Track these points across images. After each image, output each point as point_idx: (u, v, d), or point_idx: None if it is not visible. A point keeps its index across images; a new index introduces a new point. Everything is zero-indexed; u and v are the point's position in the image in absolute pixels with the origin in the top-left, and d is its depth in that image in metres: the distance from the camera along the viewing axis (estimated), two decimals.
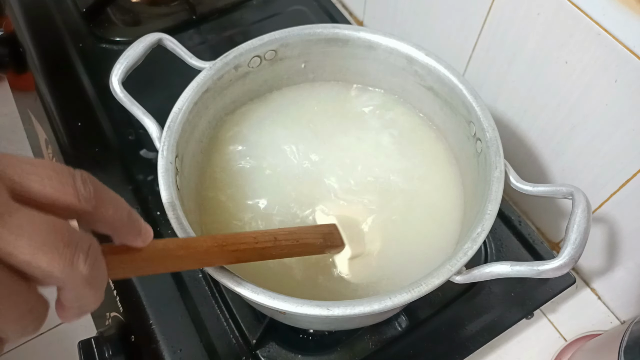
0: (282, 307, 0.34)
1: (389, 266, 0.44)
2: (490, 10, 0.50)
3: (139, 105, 0.44)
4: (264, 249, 0.35)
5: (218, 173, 0.49)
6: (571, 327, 0.52)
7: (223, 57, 0.46)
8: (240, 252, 0.33)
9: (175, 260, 0.30)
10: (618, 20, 0.39)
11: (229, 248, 0.33)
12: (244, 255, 0.34)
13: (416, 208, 0.47)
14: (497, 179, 0.40)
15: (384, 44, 0.48)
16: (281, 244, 0.36)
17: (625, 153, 0.44)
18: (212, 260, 0.33)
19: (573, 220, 0.36)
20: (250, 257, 0.35)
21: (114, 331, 0.50)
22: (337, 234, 0.43)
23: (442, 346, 0.47)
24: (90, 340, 0.47)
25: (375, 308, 0.33)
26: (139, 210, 0.54)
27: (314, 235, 0.40)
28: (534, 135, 0.53)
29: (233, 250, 0.33)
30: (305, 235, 0.39)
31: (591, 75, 0.43)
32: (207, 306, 0.48)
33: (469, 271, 0.37)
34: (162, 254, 0.29)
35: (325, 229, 0.42)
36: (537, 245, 0.53)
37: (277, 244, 0.36)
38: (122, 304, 0.50)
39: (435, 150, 0.51)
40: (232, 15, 0.71)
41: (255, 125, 0.52)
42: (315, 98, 0.54)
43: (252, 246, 0.34)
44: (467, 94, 0.44)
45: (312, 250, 0.40)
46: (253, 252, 0.34)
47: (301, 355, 0.46)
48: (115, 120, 0.60)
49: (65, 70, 0.65)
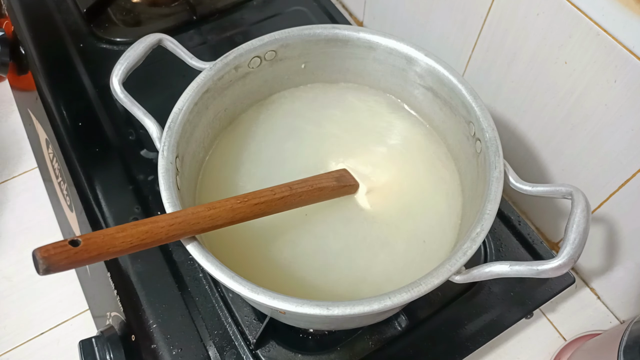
0: (282, 306, 0.34)
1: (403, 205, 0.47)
2: (490, 10, 0.50)
3: (140, 105, 0.44)
4: (283, 199, 0.39)
5: (218, 173, 0.49)
6: (570, 326, 0.52)
7: (223, 57, 0.46)
8: (262, 204, 0.37)
9: (207, 220, 0.35)
10: (617, 21, 0.39)
11: (251, 202, 0.37)
12: (267, 207, 0.38)
13: (415, 207, 0.47)
14: (496, 179, 0.40)
15: (383, 44, 0.48)
16: (297, 191, 0.40)
17: (624, 153, 0.44)
18: (239, 214, 0.36)
19: (572, 220, 0.36)
20: (274, 208, 0.39)
21: (115, 331, 0.50)
22: (348, 175, 0.46)
23: (441, 346, 0.47)
24: (91, 340, 0.48)
25: (375, 308, 0.34)
26: (139, 210, 0.54)
27: (327, 179, 0.44)
28: (534, 135, 0.53)
29: (255, 204, 0.37)
30: (319, 180, 0.43)
31: (591, 76, 0.44)
32: (207, 306, 0.49)
33: (469, 271, 0.37)
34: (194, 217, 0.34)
35: (336, 173, 0.46)
36: (537, 245, 0.53)
37: (294, 191, 0.40)
38: (123, 304, 0.50)
39: (434, 150, 0.51)
40: (233, 15, 0.72)
41: (256, 125, 0.52)
42: (315, 98, 0.54)
43: (271, 197, 0.38)
44: (466, 94, 0.44)
45: (329, 193, 0.43)
46: (274, 203, 0.38)
47: (301, 355, 0.46)
48: (116, 120, 0.60)
49: (65, 70, 0.65)
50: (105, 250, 0.31)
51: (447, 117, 0.48)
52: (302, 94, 0.54)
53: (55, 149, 0.62)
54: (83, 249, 0.30)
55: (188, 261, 0.51)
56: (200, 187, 0.48)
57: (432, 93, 0.48)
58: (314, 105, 0.54)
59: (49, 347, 0.63)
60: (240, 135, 0.51)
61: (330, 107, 0.54)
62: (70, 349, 0.63)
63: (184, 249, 0.36)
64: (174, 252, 0.51)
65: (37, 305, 0.65)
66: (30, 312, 0.65)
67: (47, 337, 0.64)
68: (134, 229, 0.32)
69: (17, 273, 0.68)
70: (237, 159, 0.50)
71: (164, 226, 0.33)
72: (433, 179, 0.49)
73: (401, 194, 0.48)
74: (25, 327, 0.64)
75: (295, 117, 0.53)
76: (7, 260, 0.68)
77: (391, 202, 0.48)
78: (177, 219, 0.34)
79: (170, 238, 0.34)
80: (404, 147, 0.51)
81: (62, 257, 0.29)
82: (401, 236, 0.46)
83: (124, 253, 0.32)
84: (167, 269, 0.50)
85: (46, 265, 0.28)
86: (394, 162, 0.50)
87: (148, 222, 0.33)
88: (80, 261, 0.30)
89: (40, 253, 0.28)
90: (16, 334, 0.64)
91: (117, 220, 0.53)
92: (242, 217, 0.37)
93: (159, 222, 0.33)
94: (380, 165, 0.50)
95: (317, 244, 0.45)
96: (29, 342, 0.64)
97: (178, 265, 0.51)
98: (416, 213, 0.47)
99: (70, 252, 0.29)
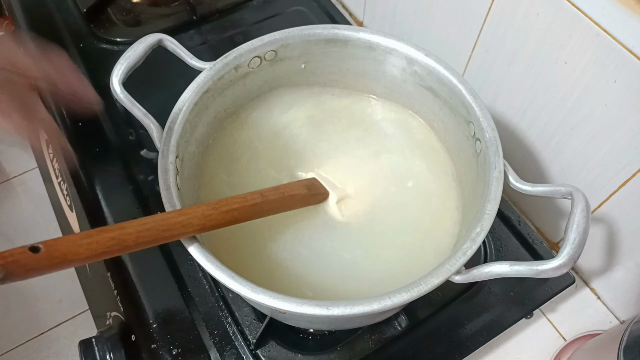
0: (282, 306, 0.34)
1: (378, 213, 0.47)
2: (490, 10, 0.50)
3: (140, 105, 0.44)
4: (255, 205, 0.39)
5: (218, 173, 0.49)
6: (570, 326, 0.52)
7: (223, 57, 0.46)
8: (234, 211, 0.37)
9: (178, 227, 0.34)
10: (617, 21, 0.39)
11: (223, 209, 0.36)
12: (240, 214, 0.38)
13: (415, 207, 0.47)
14: (496, 179, 0.40)
15: (383, 44, 0.48)
16: (269, 198, 0.40)
17: (624, 153, 0.44)
18: (211, 222, 0.36)
19: (572, 220, 0.36)
20: (246, 215, 0.38)
21: (115, 331, 0.50)
22: (318, 183, 0.47)
23: (441, 346, 0.47)
24: (91, 339, 0.47)
25: (374, 308, 0.34)
26: (139, 210, 0.54)
27: (297, 187, 0.44)
28: (534, 135, 0.53)
29: (227, 211, 0.37)
30: (290, 188, 0.43)
31: (590, 76, 0.44)
32: (207, 306, 0.49)
33: (469, 271, 0.37)
34: (164, 223, 0.33)
35: (307, 181, 0.46)
36: (537, 245, 0.53)
37: (265, 199, 0.40)
38: (123, 304, 0.50)
39: (434, 150, 0.51)
40: (233, 15, 0.72)
41: (255, 125, 0.52)
42: (315, 98, 0.54)
43: (243, 204, 0.38)
44: (466, 94, 0.44)
45: (300, 201, 0.44)
46: (246, 210, 0.38)
47: (301, 355, 0.46)
48: (116, 120, 0.60)
49: None
50: (69, 258, 0.29)
51: (447, 117, 0.48)
52: (301, 94, 0.54)
53: (55, 149, 0.62)
54: (44, 256, 0.27)
55: (188, 261, 0.51)
56: (200, 187, 0.48)
57: (432, 93, 0.48)
58: (313, 105, 0.54)
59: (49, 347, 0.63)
60: (240, 135, 0.51)
61: (330, 106, 0.54)
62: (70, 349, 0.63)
63: (184, 248, 0.36)
64: (174, 252, 0.51)
65: (37, 305, 0.65)
66: (31, 312, 0.65)
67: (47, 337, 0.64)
68: (99, 235, 0.30)
69: None
70: (236, 159, 0.50)
71: (131, 232, 0.32)
72: (432, 178, 0.49)
73: (401, 194, 0.48)
74: (25, 327, 0.64)
75: (295, 117, 0.53)
76: None
77: (391, 201, 0.48)
78: (146, 225, 0.32)
79: (139, 245, 0.32)
80: (403, 147, 0.51)
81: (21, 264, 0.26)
82: (401, 236, 0.46)
83: (90, 260, 0.30)
84: (167, 269, 0.50)
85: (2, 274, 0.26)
86: (394, 161, 0.50)
87: (115, 228, 0.31)
88: (40, 269, 0.28)
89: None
90: (16, 334, 0.64)
91: (117, 220, 0.53)
92: (214, 224, 0.36)
93: (127, 228, 0.32)
94: (380, 164, 0.50)
95: (317, 244, 0.45)
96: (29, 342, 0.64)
97: (178, 265, 0.51)
98: (415, 211, 0.47)
99: (29, 260, 0.27)
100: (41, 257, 0.27)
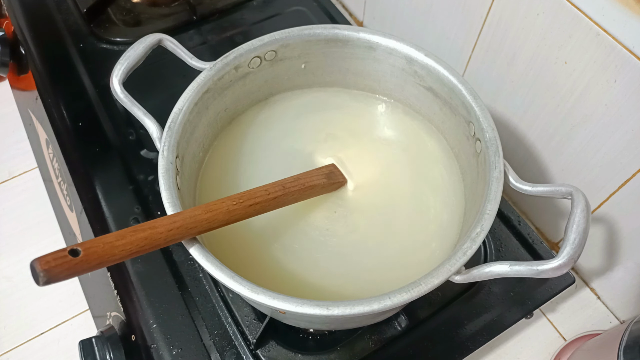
0: (282, 306, 0.34)
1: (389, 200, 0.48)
2: (490, 10, 0.50)
3: (140, 105, 0.44)
4: (277, 198, 0.40)
5: (218, 173, 0.49)
6: (570, 326, 0.52)
7: (223, 57, 0.46)
8: (257, 205, 0.38)
9: (204, 223, 0.35)
10: (617, 21, 0.39)
11: (247, 203, 0.37)
12: (262, 208, 0.39)
13: (415, 207, 0.47)
14: (496, 179, 0.40)
15: (383, 44, 0.48)
16: (290, 190, 0.41)
17: (624, 153, 0.44)
18: (235, 216, 0.37)
19: (572, 220, 0.36)
20: (268, 208, 0.39)
21: (115, 331, 0.50)
22: (337, 171, 0.48)
23: (441, 346, 0.47)
24: (91, 339, 0.48)
25: (374, 308, 0.34)
26: (139, 210, 0.54)
27: (317, 176, 0.45)
28: (534, 135, 0.53)
29: (250, 205, 0.37)
30: (310, 178, 0.44)
31: (590, 76, 0.44)
32: (207, 306, 0.49)
33: (469, 271, 0.37)
34: (192, 220, 0.34)
35: (326, 169, 0.47)
36: (537, 245, 0.53)
37: (287, 191, 0.40)
38: (123, 304, 0.50)
39: (434, 150, 0.51)
40: (233, 15, 0.72)
41: (255, 125, 0.52)
42: (315, 98, 0.54)
43: (265, 197, 0.39)
44: (466, 94, 0.44)
45: (320, 190, 0.45)
46: (268, 203, 0.39)
47: (301, 355, 0.46)
48: (116, 120, 0.60)
49: (65, 70, 0.65)
50: (105, 259, 0.30)
51: (447, 117, 0.48)
52: (301, 94, 0.54)
53: (55, 149, 0.62)
54: (83, 259, 0.29)
55: (188, 261, 0.51)
56: (200, 187, 0.48)
57: (432, 93, 0.48)
58: (313, 105, 0.54)
59: (49, 347, 0.63)
60: (239, 135, 0.51)
61: (330, 107, 0.54)
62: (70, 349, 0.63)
63: (184, 248, 0.36)
64: (174, 252, 0.51)
65: (37, 305, 0.65)
66: (31, 312, 0.65)
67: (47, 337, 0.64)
68: (134, 235, 0.32)
69: (17, 273, 0.68)
70: (236, 159, 0.50)
71: (162, 232, 0.33)
72: (432, 178, 0.49)
73: (401, 194, 0.48)
74: (25, 327, 0.64)
75: (295, 117, 0.53)
76: (7, 260, 0.68)
77: (392, 201, 0.48)
78: (175, 223, 0.34)
79: (168, 242, 0.34)
80: (403, 146, 0.51)
81: (63, 268, 0.28)
82: (401, 235, 0.46)
83: (123, 260, 0.32)
84: (167, 269, 0.50)
85: (47, 278, 0.27)
86: (394, 161, 0.50)
87: (147, 228, 0.32)
88: (80, 271, 0.29)
89: (40, 265, 0.27)
90: (16, 334, 0.64)
91: (117, 220, 0.53)
92: (237, 217, 0.37)
93: (158, 227, 0.33)
94: (379, 164, 0.50)
95: (316, 244, 0.45)
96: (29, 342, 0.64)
97: (178, 265, 0.51)
98: (415, 211, 0.47)
99: (71, 263, 0.28)
100: (80, 260, 0.29)
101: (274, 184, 0.41)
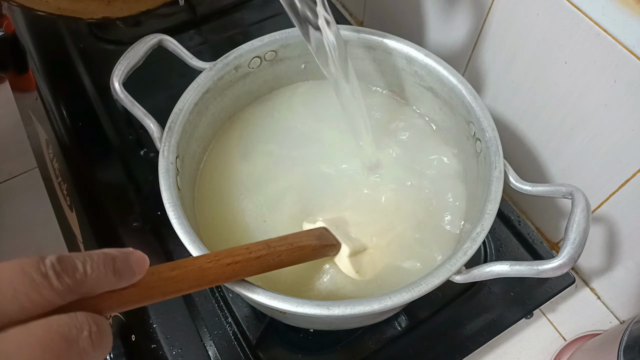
0: (282, 307, 0.34)
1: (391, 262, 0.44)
2: (490, 10, 0.50)
3: (140, 105, 0.44)
4: (260, 258, 0.34)
5: (217, 173, 0.49)
6: (570, 326, 0.52)
7: (223, 57, 0.46)
8: (236, 264, 0.32)
9: (171, 283, 0.29)
10: (617, 21, 0.39)
11: (224, 262, 0.32)
12: (242, 268, 0.33)
13: (415, 207, 0.47)
14: (496, 179, 0.40)
15: (383, 44, 0.48)
16: (276, 250, 0.35)
17: (624, 153, 0.44)
18: (208, 277, 0.31)
19: (572, 220, 0.36)
20: (250, 269, 0.34)
21: (115, 331, 0.50)
22: (329, 234, 0.42)
23: (442, 346, 0.47)
24: None
25: (375, 308, 0.34)
26: (139, 211, 0.54)
27: (307, 237, 0.39)
28: (534, 135, 0.53)
29: (228, 264, 0.32)
30: (299, 238, 0.38)
31: (590, 76, 0.44)
32: (207, 306, 0.49)
33: (469, 271, 0.37)
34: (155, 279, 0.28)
35: (316, 231, 0.42)
36: (537, 245, 0.53)
37: (272, 250, 0.35)
38: None
39: (434, 150, 0.51)
40: (233, 15, 0.72)
41: (255, 126, 0.52)
42: (315, 98, 0.54)
43: (246, 257, 0.33)
44: (466, 94, 0.44)
45: (311, 253, 0.39)
46: (250, 263, 0.33)
47: (301, 355, 0.46)
48: (116, 120, 0.60)
49: (65, 70, 0.65)
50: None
51: (447, 117, 0.48)
52: (301, 94, 0.54)
53: (55, 149, 0.62)
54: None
55: None
56: (198, 187, 0.48)
57: (432, 93, 0.48)
58: (313, 105, 0.54)
59: None
60: (239, 135, 0.51)
61: (329, 107, 0.54)
62: None
63: (185, 249, 0.36)
64: (174, 253, 0.51)
65: None
66: None
67: None
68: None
69: None
70: (235, 159, 0.50)
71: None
72: (432, 178, 0.49)
73: (400, 194, 0.48)
74: None
75: (294, 118, 0.53)
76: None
77: (392, 201, 0.48)
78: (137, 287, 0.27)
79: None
80: (403, 146, 0.51)
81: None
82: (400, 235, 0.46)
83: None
84: None
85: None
86: (394, 161, 0.50)
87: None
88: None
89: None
90: None
91: (117, 220, 0.53)
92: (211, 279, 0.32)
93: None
94: (379, 164, 0.50)
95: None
96: None
97: None
98: (415, 211, 0.47)
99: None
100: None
101: (257, 243, 0.35)
